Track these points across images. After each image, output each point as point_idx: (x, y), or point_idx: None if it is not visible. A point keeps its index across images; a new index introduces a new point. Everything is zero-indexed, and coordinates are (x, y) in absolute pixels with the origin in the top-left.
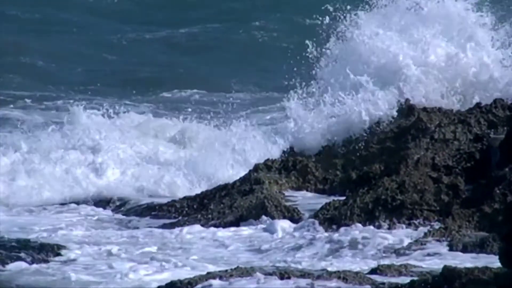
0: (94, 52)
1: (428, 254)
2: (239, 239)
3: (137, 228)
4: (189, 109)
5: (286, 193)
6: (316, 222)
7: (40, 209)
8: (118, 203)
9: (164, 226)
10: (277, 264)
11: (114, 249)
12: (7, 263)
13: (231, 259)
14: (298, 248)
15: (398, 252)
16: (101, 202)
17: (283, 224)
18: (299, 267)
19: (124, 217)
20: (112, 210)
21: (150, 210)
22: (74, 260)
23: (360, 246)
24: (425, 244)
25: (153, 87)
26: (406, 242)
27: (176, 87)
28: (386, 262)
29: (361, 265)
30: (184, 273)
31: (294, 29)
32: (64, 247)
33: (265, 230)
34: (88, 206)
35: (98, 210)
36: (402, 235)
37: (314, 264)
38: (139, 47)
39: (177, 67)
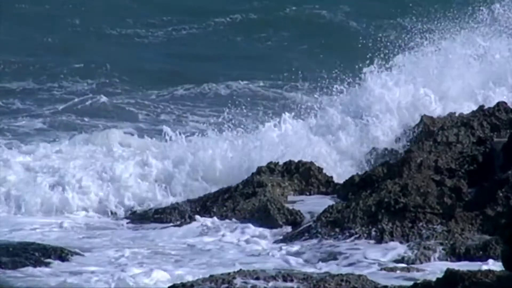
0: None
1: (431, 257)
2: (238, 242)
3: (140, 231)
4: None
5: (289, 196)
6: (318, 224)
7: (42, 213)
8: (121, 208)
9: (166, 230)
10: (278, 267)
11: (117, 253)
12: (9, 266)
13: (232, 262)
14: (299, 251)
15: (400, 255)
16: (105, 206)
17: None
18: (302, 270)
19: (127, 221)
20: (116, 215)
21: (153, 214)
22: (75, 264)
23: (362, 250)
24: (428, 247)
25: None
26: (408, 245)
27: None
28: (388, 265)
29: (363, 269)
30: (187, 276)
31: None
32: (66, 251)
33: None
34: (92, 211)
35: (102, 214)
36: (404, 238)
37: (316, 268)
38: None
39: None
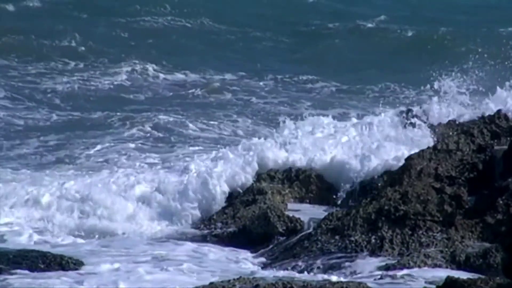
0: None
1: (431, 265)
2: (235, 248)
3: (139, 238)
4: None
5: (289, 204)
6: (318, 232)
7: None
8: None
9: (166, 236)
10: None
11: (119, 260)
12: (8, 273)
13: (230, 270)
14: (298, 258)
15: (399, 263)
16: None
17: None
18: (301, 277)
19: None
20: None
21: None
22: (75, 272)
23: (362, 258)
24: (427, 255)
25: None
26: (408, 253)
27: None
28: (388, 273)
29: (363, 277)
30: (187, 283)
31: None
32: (66, 259)
33: None
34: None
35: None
36: (404, 245)
37: (315, 276)
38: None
39: None
